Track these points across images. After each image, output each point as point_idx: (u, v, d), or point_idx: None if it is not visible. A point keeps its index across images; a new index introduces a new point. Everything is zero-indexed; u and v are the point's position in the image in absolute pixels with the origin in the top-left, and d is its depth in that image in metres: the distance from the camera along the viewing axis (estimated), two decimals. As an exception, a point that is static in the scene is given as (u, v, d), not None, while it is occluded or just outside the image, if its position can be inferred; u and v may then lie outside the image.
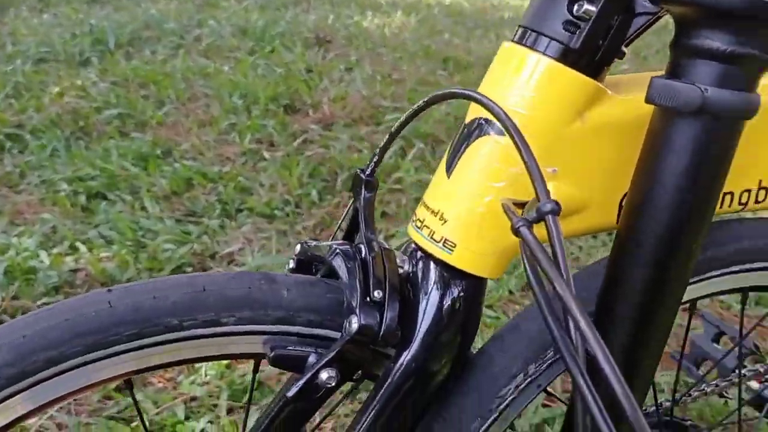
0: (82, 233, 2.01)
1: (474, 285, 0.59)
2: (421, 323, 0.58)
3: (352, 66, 3.60)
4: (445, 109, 2.86)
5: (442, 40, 4.25)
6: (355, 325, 0.55)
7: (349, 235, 0.67)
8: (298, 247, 0.66)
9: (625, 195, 0.58)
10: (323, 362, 0.56)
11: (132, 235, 1.99)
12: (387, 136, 0.62)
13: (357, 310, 0.55)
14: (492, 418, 0.62)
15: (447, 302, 0.58)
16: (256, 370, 0.64)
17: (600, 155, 0.57)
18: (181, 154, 2.55)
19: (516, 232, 0.48)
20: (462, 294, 0.59)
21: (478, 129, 0.57)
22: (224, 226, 2.13)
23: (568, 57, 0.53)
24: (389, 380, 0.58)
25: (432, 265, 0.59)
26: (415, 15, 4.94)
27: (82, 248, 1.90)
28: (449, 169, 0.58)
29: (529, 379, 0.62)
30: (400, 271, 0.59)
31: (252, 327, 0.57)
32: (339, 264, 0.58)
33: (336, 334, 0.59)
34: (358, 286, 0.56)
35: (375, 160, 0.64)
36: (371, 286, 0.56)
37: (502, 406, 0.62)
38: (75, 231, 2.01)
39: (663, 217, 0.53)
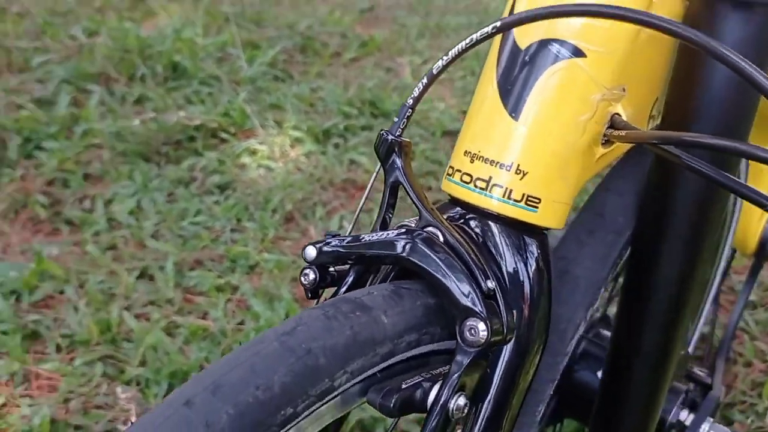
0: None
1: (546, 240, 0.51)
2: (515, 303, 0.48)
3: (-53, 2, 2.85)
4: (113, 44, 2.46)
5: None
6: (482, 330, 0.43)
7: (382, 218, 0.52)
8: (311, 250, 0.49)
9: (655, 102, 0.56)
10: (452, 388, 0.43)
11: None
12: (423, 81, 0.48)
13: (478, 310, 0.44)
14: (559, 378, 0.57)
15: (533, 268, 0.49)
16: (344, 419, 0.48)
17: (652, 62, 0.52)
18: None
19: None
20: (541, 253, 0.50)
21: (544, 54, 0.47)
22: None
23: None
24: (495, 384, 0.47)
25: (509, 229, 0.49)
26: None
27: None
28: (515, 111, 0.47)
29: (587, 325, 0.58)
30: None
31: (362, 376, 0.42)
32: (424, 258, 0.45)
33: (434, 347, 0.47)
34: (465, 279, 0.44)
35: (407, 115, 0.50)
36: (479, 276, 0.45)
37: (566, 363, 0.57)
38: None
39: (708, 116, 0.52)
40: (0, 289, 1.42)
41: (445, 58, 0.47)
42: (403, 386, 0.43)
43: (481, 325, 0.43)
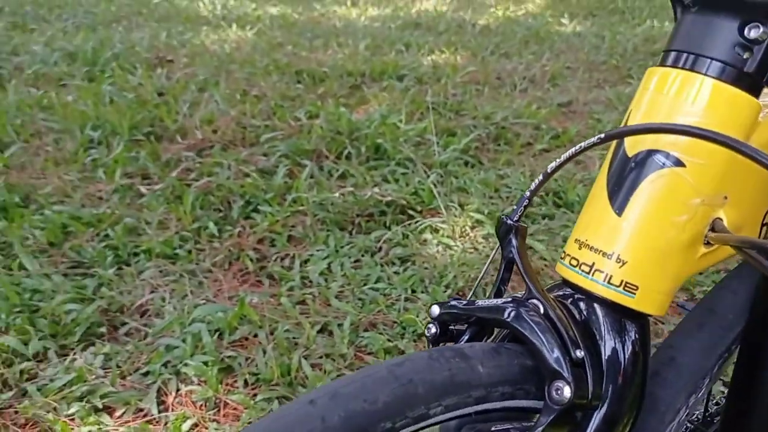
0: (-46, 306, 1.71)
1: (646, 325, 0.57)
2: (608, 376, 0.55)
3: (203, 86, 3.42)
4: (327, 126, 2.80)
5: (287, 53, 4.18)
6: (567, 392, 0.51)
7: (497, 288, 0.62)
8: (435, 309, 0.60)
9: (767, 212, 0.60)
10: None
11: (18, 299, 1.72)
12: (540, 177, 0.58)
13: (565, 374, 0.51)
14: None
15: (629, 349, 0.56)
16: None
17: (755, 175, 0.57)
18: (44, 199, 2.25)
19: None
20: (639, 336, 0.56)
21: (649, 162, 0.54)
22: (122, 274, 1.92)
23: (739, 79, 0.53)
24: None
25: (609, 310, 0.56)
26: (249, 28, 4.81)
27: (-35, 324, 1.61)
28: (620, 208, 0.55)
29: (689, 411, 0.61)
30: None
31: (455, 413, 0.51)
32: (523, 325, 0.54)
33: (528, 404, 0.54)
34: (557, 347, 0.52)
35: (525, 204, 0.60)
36: (570, 345, 0.53)
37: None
38: (-56, 305, 1.70)
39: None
40: (208, 326, 1.67)
41: (558, 160, 0.57)
42: (493, 429, 0.51)
43: (566, 388, 0.51)
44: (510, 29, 4.99)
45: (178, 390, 1.51)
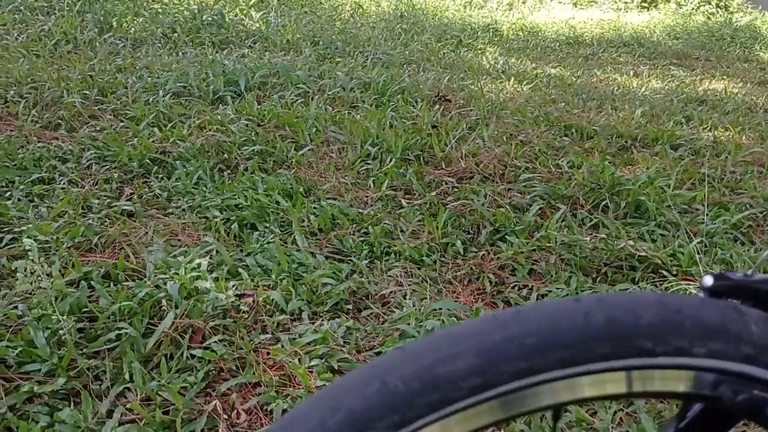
0: (239, 260, 2.00)
1: None
2: None
3: (473, 125, 3.60)
4: (588, 176, 2.79)
5: (558, 108, 4.22)
6: None
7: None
8: (708, 279, 0.59)
9: None
10: None
11: (287, 267, 1.97)
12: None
13: None
14: None
15: None
16: (683, 415, 0.56)
17: None
18: (322, 193, 2.54)
19: None
20: None
21: None
22: (372, 267, 2.09)
23: None
24: None
25: None
26: (525, 83, 4.95)
27: (244, 275, 1.89)
28: None
29: None
30: None
31: (717, 362, 0.49)
32: None
33: None
34: None
35: None
36: None
37: None
38: (232, 257, 2.00)
39: None
40: (441, 326, 1.75)
41: None
42: (755, 393, 0.49)
43: None
44: (811, 118, 4.50)
45: (403, 374, 1.60)
